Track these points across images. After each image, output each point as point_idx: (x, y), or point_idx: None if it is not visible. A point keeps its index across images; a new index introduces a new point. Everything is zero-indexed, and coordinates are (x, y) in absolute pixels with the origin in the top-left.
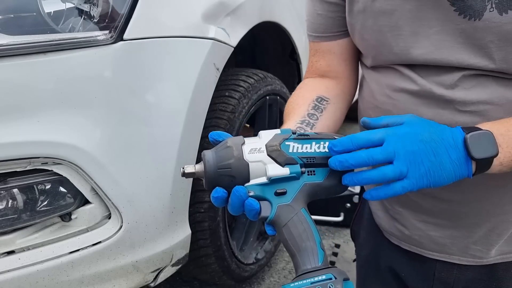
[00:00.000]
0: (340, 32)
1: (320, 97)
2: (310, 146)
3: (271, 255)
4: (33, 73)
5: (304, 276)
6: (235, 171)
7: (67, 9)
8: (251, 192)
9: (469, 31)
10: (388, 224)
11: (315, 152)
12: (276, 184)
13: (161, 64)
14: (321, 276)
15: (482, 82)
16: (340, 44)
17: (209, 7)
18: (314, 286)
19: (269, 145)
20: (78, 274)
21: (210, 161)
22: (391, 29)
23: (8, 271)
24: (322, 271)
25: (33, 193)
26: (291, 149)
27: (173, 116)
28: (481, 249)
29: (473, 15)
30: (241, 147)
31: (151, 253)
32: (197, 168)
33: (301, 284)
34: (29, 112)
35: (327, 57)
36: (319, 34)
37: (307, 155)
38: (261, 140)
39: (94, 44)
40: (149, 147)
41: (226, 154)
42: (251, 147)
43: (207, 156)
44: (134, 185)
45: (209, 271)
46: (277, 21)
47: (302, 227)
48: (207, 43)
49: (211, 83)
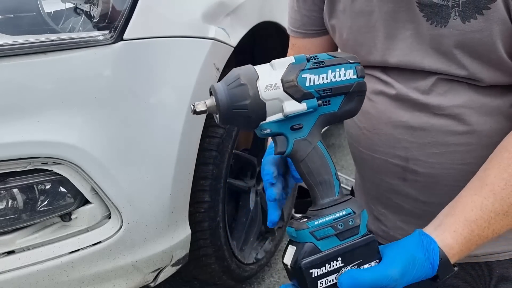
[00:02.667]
0: (313, 31)
1: None
2: (326, 76)
3: (271, 255)
4: (33, 73)
5: (324, 212)
6: (251, 111)
7: (67, 9)
8: (267, 130)
9: (437, 38)
10: (374, 225)
11: (331, 82)
12: (293, 119)
13: (161, 64)
14: (340, 212)
15: (455, 87)
16: (314, 43)
17: (209, 7)
18: (336, 223)
19: (286, 80)
20: (78, 274)
21: (224, 100)
22: (369, 30)
23: (8, 271)
24: (340, 206)
25: (33, 193)
26: (308, 82)
27: (173, 116)
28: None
29: (439, 21)
30: (256, 83)
31: (151, 253)
32: (208, 103)
33: (325, 222)
34: (29, 112)
35: (302, 52)
36: (295, 29)
37: (324, 86)
38: (275, 72)
39: (94, 44)
40: (149, 147)
41: (241, 93)
42: (266, 83)
43: (219, 93)
44: (134, 185)
45: (209, 271)
46: (277, 21)
47: (320, 161)
48: (207, 43)
49: (211, 83)
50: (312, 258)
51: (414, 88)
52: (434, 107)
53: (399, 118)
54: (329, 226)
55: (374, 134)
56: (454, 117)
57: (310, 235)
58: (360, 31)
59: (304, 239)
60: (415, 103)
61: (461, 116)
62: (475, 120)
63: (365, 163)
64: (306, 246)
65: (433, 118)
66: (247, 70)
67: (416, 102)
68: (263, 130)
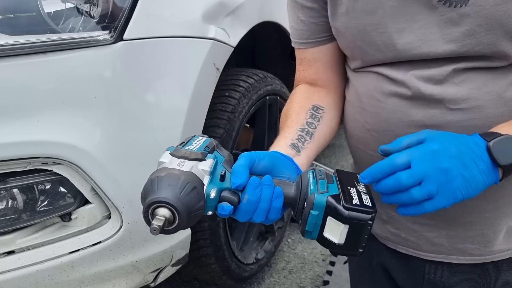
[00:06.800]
0: (324, 37)
1: (315, 106)
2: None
3: (271, 255)
4: (33, 73)
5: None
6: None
7: (67, 9)
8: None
9: (456, 19)
10: (382, 229)
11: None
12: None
13: (161, 64)
14: (309, 176)
15: (471, 76)
16: (325, 51)
17: (209, 7)
18: (317, 179)
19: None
20: (78, 274)
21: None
22: (375, 27)
23: (8, 271)
24: (304, 176)
25: (33, 193)
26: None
27: (173, 116)
28: (479, 247)
29: (458, 1)
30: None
31: (151, 253)
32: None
33: (313, 185)
34: (29, 112)
35: (313, 65)
36: (304, 41)
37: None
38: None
39: (94, 44)
40: (149, 147)
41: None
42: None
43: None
44: (134, 185)
45: (209, 271)
46: (277, 21)
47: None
48: (207, 43)
49: (211, 83)
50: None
51: (427, 78)
52: (450, 101)
53: (412, 117)
54: (318, 182)
55: (384, 136)
56: (470, 111)
57: (320, 195)
58: (366, 30)
59: (322, 200)
60: (430, 99)
61: (478, 109)
62: (492, 112)
63: None
64: (329, 200)
65: (448, 114)
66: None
67: (431, 98)
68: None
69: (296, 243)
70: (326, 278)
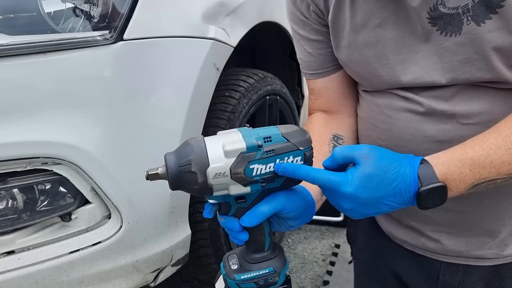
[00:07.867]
0: (333, 66)
1: (335, 135)
2: (273, 165)
3: None
4: (33, 73)
5: (252, 267)
6: (198, 192)
7: (67, 9)
8: (213, 200)
9: (452, 48)
10: (400, 232)
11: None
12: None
13: (161, 64)
14: (264, 270)
15: (479, 92)
16: (335, 79)
17: (209, 7)
18: (258, 279)
19: (234, 172)
20: (78, 274)
21: (174, 181)
22: (378, 60)
23: (8, 271)
24: (265, 264)
25: (33, 193)
26: (255, 172)
27: (173, 116)
28: (497, 252)
29: (453, 30)
30: (206, 172)
31: (151, 253)
32: (160, 172)
33: (249, 277)
34: (29, 112)
35: (325, 94)
36: (313, 72)
37: (269, 174)
38: (226, 161)
39: (94, 44)
40: (149, 147)
41: (191, 179)
42: (216, 171)
43: (170, 172)
44: (134, 185)
45: (209, 271)
46: (277, 21)
47: (257, 225)
48: (207, 43)
49: (211, 83)
50: None
51: (437, 97)
52: (461, 116)
53: (424, 133)
54: (252, 282)
55: (397, 151)
56: (483, 125)
57: (236, 286)
58: (369, 62)
59: (231, 287)
60: (441, 114)
61: (492, 123)
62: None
63: None
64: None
65: (462, 129)
66: (199, 156)
67: (442, 113)
68: (210, 199)
69: (296, 243)
70: (326, 278)
